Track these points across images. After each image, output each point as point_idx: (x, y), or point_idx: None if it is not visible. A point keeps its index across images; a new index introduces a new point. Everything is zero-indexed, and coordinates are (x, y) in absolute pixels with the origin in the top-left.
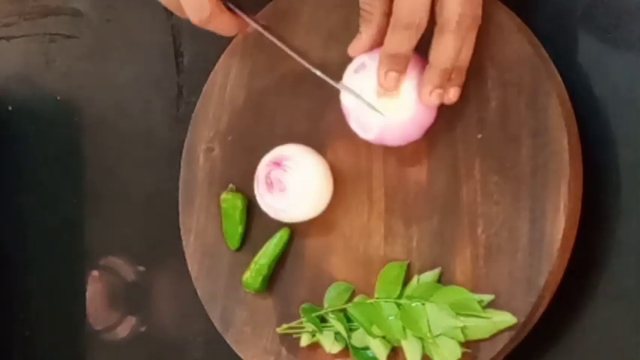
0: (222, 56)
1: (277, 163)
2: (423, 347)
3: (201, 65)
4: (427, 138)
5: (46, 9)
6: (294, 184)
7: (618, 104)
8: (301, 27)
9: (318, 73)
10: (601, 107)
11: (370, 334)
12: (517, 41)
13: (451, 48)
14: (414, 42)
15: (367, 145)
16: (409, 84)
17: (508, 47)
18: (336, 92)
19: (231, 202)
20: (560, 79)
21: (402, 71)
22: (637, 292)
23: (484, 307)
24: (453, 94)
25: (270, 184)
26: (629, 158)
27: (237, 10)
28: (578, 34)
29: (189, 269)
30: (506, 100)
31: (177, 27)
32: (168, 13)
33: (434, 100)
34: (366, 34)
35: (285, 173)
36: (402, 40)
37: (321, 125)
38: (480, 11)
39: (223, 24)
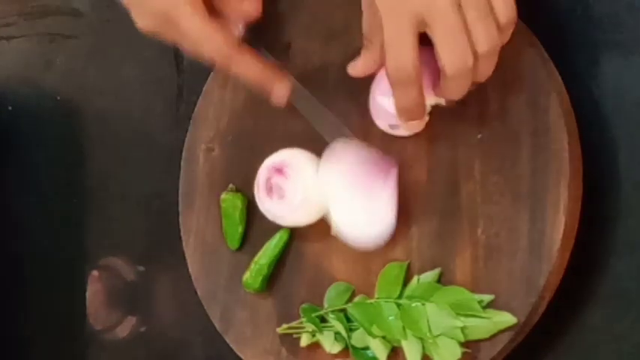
0: None
1: (279, 170)
2: (423, 347)
3: (201, 65)
4: (427, 138)
5: (46, 9)
6: (294, 192)
7: (618, 104)
8: (301, 27)
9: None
10: (601, 107)
11: (370, 334)
12: (517, 42)
13: (456, 91)
14: (414, 93)
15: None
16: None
17: (508, 48)
18: (336, 94)
19: (231, 202)
20: (560, 79)
21: (420, 117)
22: (637, 292)
23: (484, 308)
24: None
25: (269, 190)
26: (629, 158)
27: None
28: (578, 34)
29: (190, 269)
30: (506, 100)
31: None
32: None
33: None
34: (364, 60)
35: (286, 180)
36: (402, 95)
37: None
38: (488, 35)
39: (246, 65)
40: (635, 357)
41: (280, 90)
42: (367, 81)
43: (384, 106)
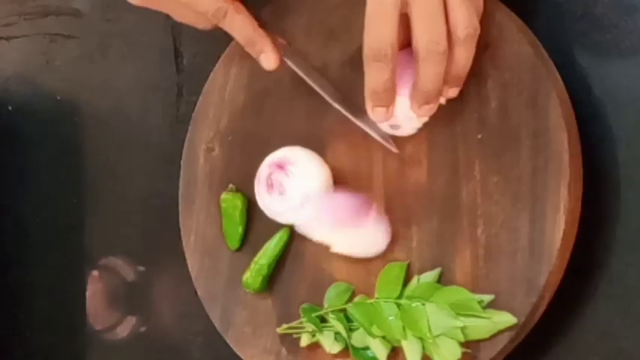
0: (222, 56)
1: (281, 166)
2: (423, 347)
3: (201, 65)
4: (427, 138)
5: (46, 9)
6: (294, 190)
7: (618, 104)
8: (301, 27)
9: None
10: (601, 107)
11: (370, 334)
12: (517, 41)
13: (428, 75)
14: (387, 74)
15: (367, 146)
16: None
17: (508, 47)
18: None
19: (231, 202)
20: (560, 79)
21: (387, 105)
22: (637, 292)
23: (484, 308)
24: (451, 93)
25: (270, 186)
26: (629, 158)
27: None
28: (578, 34)
29: (190, 269)
30: (506, 101)
31: (177, 27)
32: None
33: (424, 113)
34: None
35: (287, 178)
36: (375, 74)
37: (321, 126)
38: (467, 21)
39: (238, 24)
40: (635, 357)
41: (266, 60)
42: None
43: None
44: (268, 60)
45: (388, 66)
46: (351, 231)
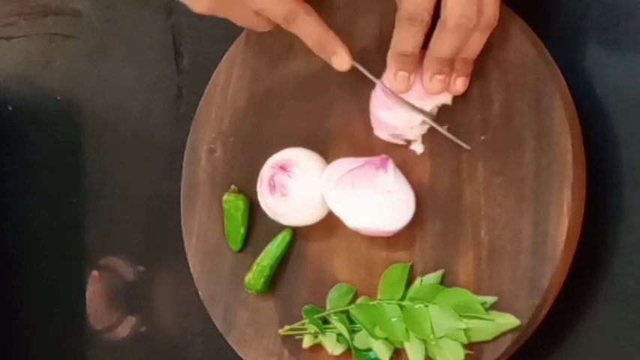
0: (225, 56)
1: (283, 168)
2: (426, 349)
3: (201, 66)
4: (430, 139)
5: (46, 9)
6: (296, 191)
7: (620, 105)
8: None
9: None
10: (603, 108)
11: (373, 335)
12: (520, 43)
13: (447, 45)
14: (418, 38)
15: (370, 146)
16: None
17: (511, 49)
18: (338, 95)
19: (233, 203)
20: (563, 80)
21: (411, 71)
22: (639, 292)
23: (487, 309)
24: (459, 85)
25: (272, 187)
26: (632, 159)
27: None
28: (579, 35)
29: (191, 270)
30: (509, 102)
31: (177, 27)
32: (168, 13)
33: (436, 87)
34: None
35: (290, 179)
36: (407, 36)
37: (324, 127)
38: (494, 11)
39: (309, 27)
40: (637, 357)
41: (338, 62)
42: (369, 82)
43: (384, 119)
44: (341, 62)
45: (421, 31)
46: (375, 193)
